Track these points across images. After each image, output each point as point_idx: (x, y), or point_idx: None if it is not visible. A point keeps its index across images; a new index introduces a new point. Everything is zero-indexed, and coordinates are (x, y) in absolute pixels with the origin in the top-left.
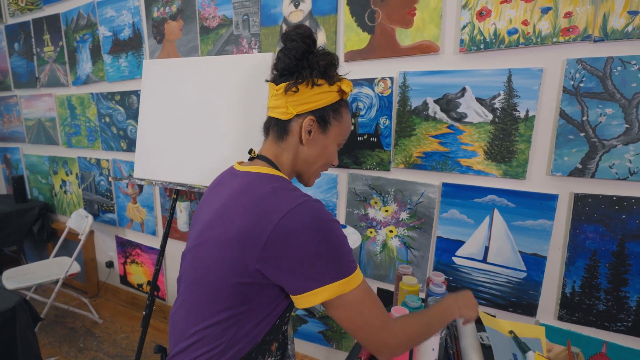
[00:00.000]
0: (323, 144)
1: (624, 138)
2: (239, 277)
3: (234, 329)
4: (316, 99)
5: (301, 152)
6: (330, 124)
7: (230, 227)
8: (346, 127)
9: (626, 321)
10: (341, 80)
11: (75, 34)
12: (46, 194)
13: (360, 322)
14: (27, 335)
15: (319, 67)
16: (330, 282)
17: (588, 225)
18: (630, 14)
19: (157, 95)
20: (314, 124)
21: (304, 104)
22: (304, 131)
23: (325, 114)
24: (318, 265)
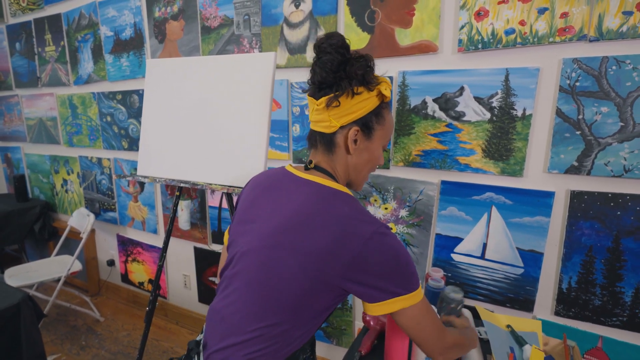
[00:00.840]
0: (369, 149)
1: (619, 136)
2: (314, 287)
3: (291, 330)
4: (357, 108)
5: (350, 161)
6: (374, 129)
7: (315, 239)
8: (389, 127)
9: (621, 316)
10: (380, 84)
11: (77, 33)
12: (47, 193)
13: (424, 332)
14: (31, 331)
15: (357, 76)
16: (401, 294)
17: (584, 222)
18: (625, 14)
19: (160, 94)
20: (358, 134)
21: (346, 115)
22: (350, 142)
23: (368, 121)
24: (393, 280)
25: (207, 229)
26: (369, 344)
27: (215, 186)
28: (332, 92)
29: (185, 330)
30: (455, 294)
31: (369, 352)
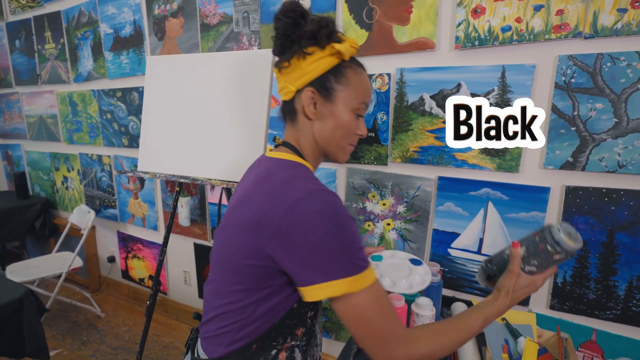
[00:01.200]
0: (334, 113)
1: (613, 132)
2: (253, 260)
3: (251, 308)
4: (311, 68)
5: (315, 129)
6: (334, 89)
7: (248, 212)
8: (358, 89)
9: (615, 309)
10: (335, 41)
11: (77, 31)
12: (48, 190)
13: (367, 328)
14: (34, 324)
15: (306, 35)
16: (336, 278)
17: (579, 217)
18: (619, 12)
19: (161, 90)
20: (315, 95)
21: (300, 78)
22: (306, 105)
23: (325, 80)
24: (325, 257)
25: (207, 225)
26: None
27: (215, 181)
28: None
29: (186, 325)
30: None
31: None
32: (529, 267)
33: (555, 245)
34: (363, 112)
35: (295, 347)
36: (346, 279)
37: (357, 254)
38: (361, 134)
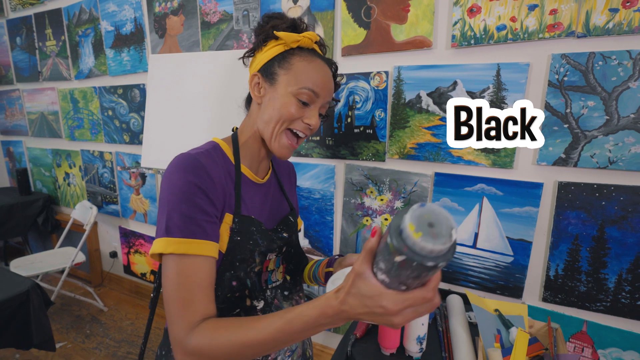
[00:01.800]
0: (274, 96)
1: (604, 129)
2: None
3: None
4: (263, 57)
5: (259, 113)
6: (276, 74)
7: None
8: (301, 74)
9: (605, 301)
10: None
11: (78, 28)
12: (49, 186)
13: (166, 295)
14: (40, 317)
15: (265, 31)
16: (158, 235)
17: (571, 212)
18: (611, 12)
19: (163, 88)
20: (260, 80)
21: (256, 66)
22: (252, 89)
23: (269, 66)
24: (159, 213)
25: None
26: (364, 328)
27: None
28: None
29: None
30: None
31: (364, 335)
32: (377, 269)
33: (395, 236)
34: (306, 98)
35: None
36: (162, 238)
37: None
38: (309, 122)
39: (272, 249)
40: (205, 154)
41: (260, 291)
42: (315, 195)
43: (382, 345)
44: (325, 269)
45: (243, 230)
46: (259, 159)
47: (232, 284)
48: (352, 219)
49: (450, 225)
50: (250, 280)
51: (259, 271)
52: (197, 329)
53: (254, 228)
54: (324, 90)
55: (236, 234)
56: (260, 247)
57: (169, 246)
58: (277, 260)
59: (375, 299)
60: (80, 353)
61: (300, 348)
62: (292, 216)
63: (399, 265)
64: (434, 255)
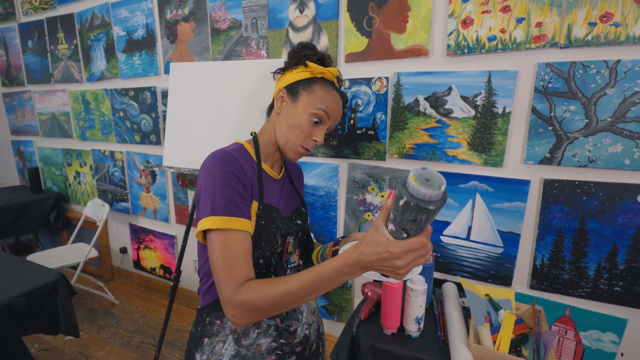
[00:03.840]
0: (293, 113)
1: (585, 131)
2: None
3: (205, 263)
4: (292, 77)
5: (277, 122)
6: (299, 94)
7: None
8: (318, 98)
9: (586, 288)
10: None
11: (90, 33)
12: (60, 185)
13: (213, 264)
14: (66, 305)
15: (299, 57)
16: (204, 216)
17: (555, 206)
18: (590, 25)
19: (183, 93)
20: (284, 94)
21: (284, 82)
22: (277, 100)
23: (295, 86)
24: (202, 199)
25: None
26: (367, 311)
27: None
28: None
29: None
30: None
31: (367, 318)
32: (388, 222)
33: (402, 187)
34: (319, 118)
35: None
36: (209, 217)
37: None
38: (316, 139)
39: (290, 233)
40: (234, 151)
41: (282, 269)
42: (319, 192)
43: (384, 325)
44: (332, 248)
45: (267, 215)
46: (274, 159)
47: (259, 262)
48: (355, 215)
49: (441, 181)
50: (274, 259)
51: (280, 252)
52: (243, 287)
53: (274, 214)
54: (334, 114)
55: (261, 219)
56: (281, 230)
57: (215, 223)
58: (294, 244)
59: (383, 245)
60: (96, 343)
61: (316, 323)
62: (303, 207)
63: (402, 208)
64: (426, 199)
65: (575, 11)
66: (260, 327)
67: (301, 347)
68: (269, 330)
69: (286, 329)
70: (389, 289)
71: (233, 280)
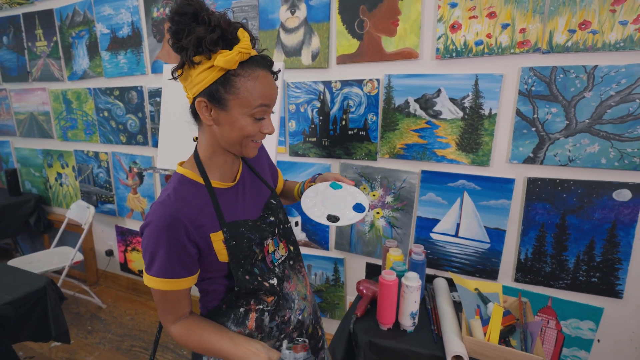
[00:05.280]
0: (229, 120)
1: (565, 132)
2: None
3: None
4: (199, 79)
5: (216, 132)
6: (224, 99)
7: None
8: (250, 95)
9: (566, 279)
10: (218, 52)
11: (71, 30)
12: (40, 187)
13: (155, 301)
14: (57, 311)
15: (192, 43)
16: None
17: (538, 203)
18: (569, 32)
19: (177, 95)
20: (208, 105)
21: (194, 87)
22: (201, 114)
23: (214, 91)
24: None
25: None
26: (363, 308)
27: None
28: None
29: None
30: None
31: (364, 314)
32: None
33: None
34: (263, 114)
35: (265, 311)
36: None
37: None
38: (267, 132)
39: (265, 237)
40: (176, 198)
41: (270, 271)
42: None
43: (380, 321)
44: (309, 184)
45: (235, 235)
46: (229, 166)
47: (245, 278)
48: None
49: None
50: (258, 268)
51: (262, 258)
52: (176, 324)
53: (242, 229)
54: (272, 99)
55: (231, 240)
56: (255, 240)
57: (156, 284)
58: (275, 241)
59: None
60: (85, 348)
61: (309, 307)
62: (273, 199)
63: None
64: None
65: (556, 18)
66: (263, 331)
67: (297, 332)
68: (271, 332)
69: (283, 322)
70: (385, 286)
71: (170, 317)
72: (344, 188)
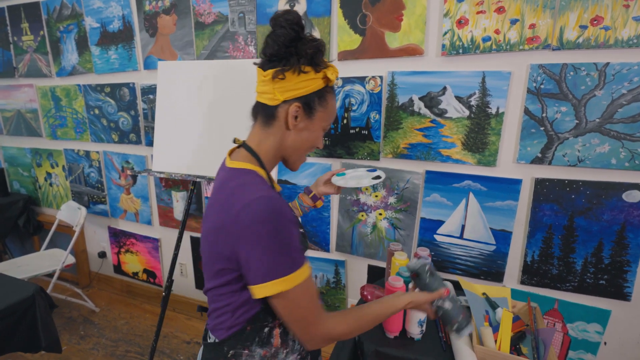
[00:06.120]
0: (309, 129)
1: (575, 132)
2: (221, 262)
3: (235, 296)
4: (302, 85)
5: (287, 137)
6: (315, 109)
7: (211, 220)
8: (331, 112)
9: (573, 282)
10: (327, 67)
11: (59, 23)
12: (29, 187)
13: (297, 315)
14: (46, 319)
15: (306, 54)
16: (274, 278)
17: (545, 205)
18: (581, 28)
19: (173, 94)
20: (299, 110)
21: (290, 91)
22: (291, 117)
23: (310, 100)
24: (266, 260)
25: None
26: None
27: None
28: (280, 65)
29: (183, 315)
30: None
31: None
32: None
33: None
34: (327, 130)
35: None
36: (281, 278)
37: (292, 254)
38: (320, 146)
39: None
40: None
41: None
42: None
43: (386, 329)
44: (309, 195)
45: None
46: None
47: None
48: (348, 215)
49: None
50: None
51: None
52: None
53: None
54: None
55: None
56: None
57: (293, 280)
58: None
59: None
60: (77, 354)
61: None
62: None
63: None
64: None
65: (567, 14)
66: (288, 345)
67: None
68: (294, 346)
69: None
70: (391, 292)
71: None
72: (347, 173)
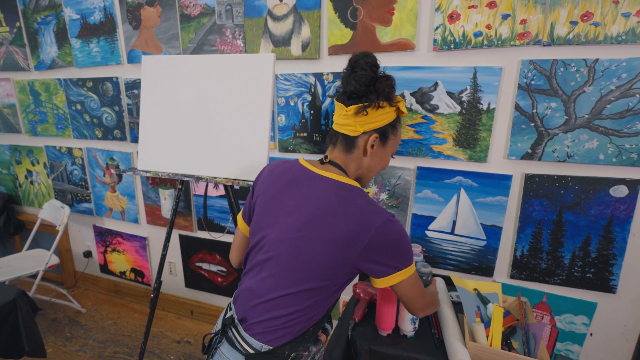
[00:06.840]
0: (382, 155)
1: (564, 127)
2: (339, 268)
3: (321, 302)
4: (380, 119)
5: (364, 162)
6: (389, 138)
7: (336, 230)
8: (399, 138)
9: (561, 275)
10: (399, 102)
11: (36, 14)
12: (8, 185)
13: (415, 294)
14: (29, 324)
15: (384, 92)
16: (401, 269)
17: (535, 200)
18: (571, 24)
19: (159, 90)
20: (377, 140)
21: (370, 123)
22: (369, 146)
23: (386, 130)
24: (397, 258)
25: (192, 217)
26: (361, 312)
27: (220, 179)
28: (360, 102)
29: (172, 314)
30: (425, 268)
31: (362, 320)
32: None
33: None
34: (394, 152)
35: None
36: (406, 268)
37: (412, 253)
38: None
39: None
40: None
41: None
42: None
43: (379, 327)
44: None
45: None
46: None
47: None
48: None
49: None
50: None
51: None
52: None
53: None
54: None
55: None
56: None
57: (411, 270)
58: None
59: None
60: (63, 357)
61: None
62: None
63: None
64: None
65: (558, 9)
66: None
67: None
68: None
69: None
70: (385, 291)
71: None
72: None
